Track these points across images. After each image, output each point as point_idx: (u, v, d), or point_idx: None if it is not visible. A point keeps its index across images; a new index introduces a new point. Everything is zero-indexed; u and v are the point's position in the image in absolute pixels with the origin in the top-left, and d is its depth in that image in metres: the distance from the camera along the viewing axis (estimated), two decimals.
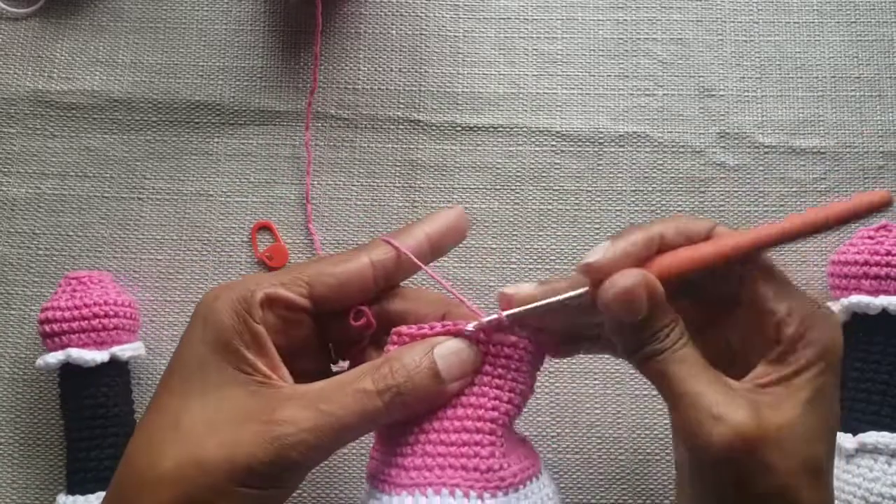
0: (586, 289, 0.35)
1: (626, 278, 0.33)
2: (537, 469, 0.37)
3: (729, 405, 0.32)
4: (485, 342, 0.36)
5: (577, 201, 0.51)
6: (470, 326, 0.36)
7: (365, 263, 0.36)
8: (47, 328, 0.45)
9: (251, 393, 0.33)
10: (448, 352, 0.35)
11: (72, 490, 0.45)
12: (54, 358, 0.45)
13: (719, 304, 0.36)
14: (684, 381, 0.33)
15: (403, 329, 0.36)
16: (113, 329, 0.46)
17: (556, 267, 0.50)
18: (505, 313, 0.35)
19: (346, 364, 0.38)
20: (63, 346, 0.45)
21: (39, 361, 0.45)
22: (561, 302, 0.35)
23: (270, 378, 0.34)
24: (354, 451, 0.48)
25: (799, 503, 0.32)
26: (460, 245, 0.38)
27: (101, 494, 0.44)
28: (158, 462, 0.32)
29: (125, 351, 0.46)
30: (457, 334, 0.36)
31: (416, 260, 0.36)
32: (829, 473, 0.34)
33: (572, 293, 0.35)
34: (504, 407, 0.36)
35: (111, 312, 0.46)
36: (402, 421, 0.35)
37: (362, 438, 0.35)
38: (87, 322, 0.45)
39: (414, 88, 0.52)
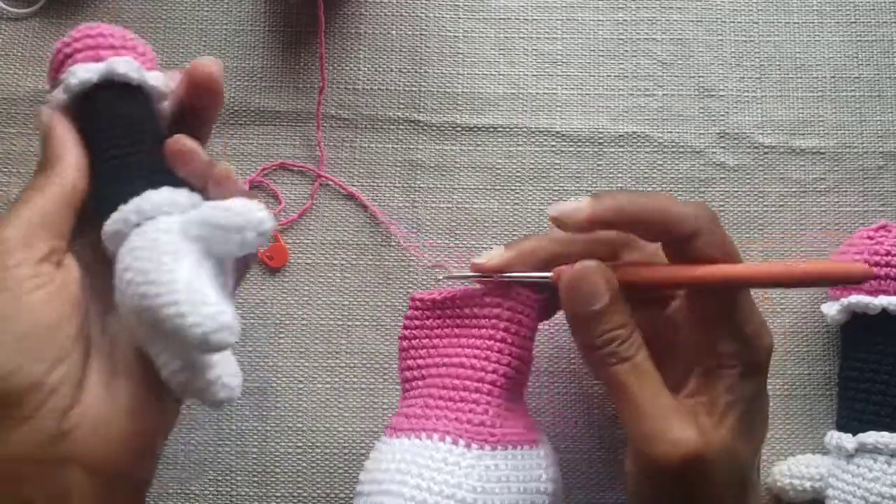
0: (550, 274, 0.38)
1: (584, 264, 0.36)
2: (533, 441, 0.39)
3: (680, 427, 0.35)
4: (492, 305, 0.39)
5: None
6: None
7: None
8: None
9: None
10: None
11: None
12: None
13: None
14: (638, 395, 0.35)
15: (423, 295, 0.41)
16: None
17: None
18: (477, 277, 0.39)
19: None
20: None
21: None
22: (528, 279, 0.38)
23: None
24: (353, 452, 0.48)
25: None
26: (460, 246, 0.39)
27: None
28: None
29: None
30: (470, 296, 0.40)
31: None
32: (756, 483, 0.38)
33: (538, 275, 0.38)
34: (503, 370, 0.38)
35: None
36: (416, 379, 0.40)
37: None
38: None
39: (414, 88, 0.52)
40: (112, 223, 0.34)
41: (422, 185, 0.51)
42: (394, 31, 0.53)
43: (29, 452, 0.31)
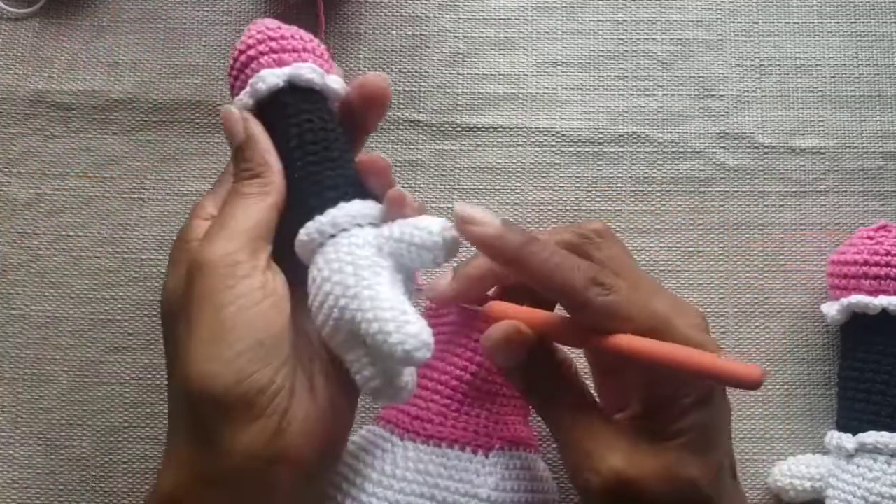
0: (482, 309, 0.37)
1: (498, 329, 0.35)
2: (482, 447, 0.38)
3: (602, 455, 0.34)
4: (454, 314, 0.41)
5: (577, 201, 0.51)
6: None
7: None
8: None
9: None
10: None
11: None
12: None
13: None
14: (565, 427, 0.36)
15: (428, 304, 0.42)
16: None
17: None
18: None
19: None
20: None
21: None
22: (467, 309, 0.40)
23: None
24: None
25: None
26: (461, 246, 0.39)
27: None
28: None
29: None
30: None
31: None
32: (728, 491, 0.35)
33: (474, 308, 0.39)
34: (457, 372, 0.40)
35: None
36: None
37: None
38: None
39: (414, 89, 0.52)
40: (307, 232, 0.34)
41: (422, 185, 0.51)
42: (394, 31, 0.53)
43: (255, 450, 0.32)
